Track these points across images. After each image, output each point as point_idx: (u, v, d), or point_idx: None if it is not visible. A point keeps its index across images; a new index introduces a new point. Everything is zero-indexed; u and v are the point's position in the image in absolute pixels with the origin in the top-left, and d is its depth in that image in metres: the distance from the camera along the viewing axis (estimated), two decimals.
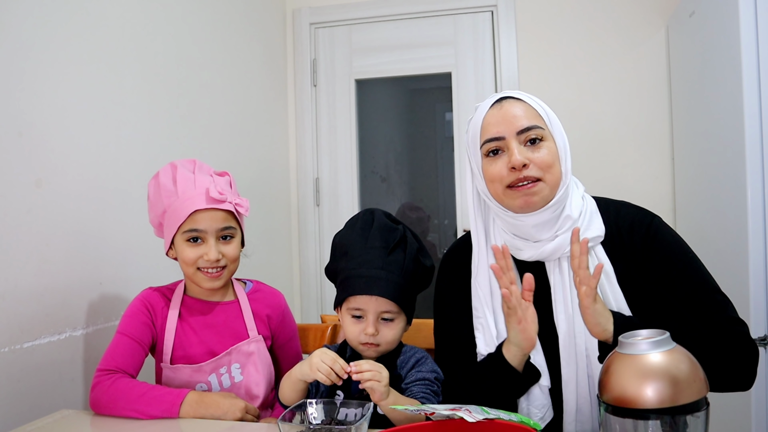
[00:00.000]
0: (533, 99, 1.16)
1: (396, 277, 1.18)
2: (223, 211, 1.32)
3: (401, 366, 1.22)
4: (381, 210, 1.27)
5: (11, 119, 1.37)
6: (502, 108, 1.13)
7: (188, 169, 1.35)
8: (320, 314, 2.86)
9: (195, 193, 1.30)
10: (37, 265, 1.42)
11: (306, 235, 2.99)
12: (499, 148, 1.12)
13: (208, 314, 1.38)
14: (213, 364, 1.34)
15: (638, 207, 1.20)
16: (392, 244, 1.20)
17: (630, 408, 0.75)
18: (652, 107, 2.67)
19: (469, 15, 2.89)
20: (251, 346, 1.37)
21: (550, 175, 1.10)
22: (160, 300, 1.37)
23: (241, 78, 2.50)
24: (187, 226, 1.30)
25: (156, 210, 1.35)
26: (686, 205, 2.49)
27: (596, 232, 1.12)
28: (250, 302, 1.42)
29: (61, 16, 1.52)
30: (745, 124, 1.80)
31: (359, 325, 1.19)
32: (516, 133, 1.10)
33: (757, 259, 1.78)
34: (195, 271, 1.32)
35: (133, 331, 1.32)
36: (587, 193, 1.20)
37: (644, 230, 1.13)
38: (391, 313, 1.18)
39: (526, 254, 1.14)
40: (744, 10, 1.80)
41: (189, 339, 1.35)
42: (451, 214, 2.99)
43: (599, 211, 1.16)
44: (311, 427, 1.00)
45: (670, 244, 1.13)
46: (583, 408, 1.10)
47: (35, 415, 1.29)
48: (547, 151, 1.11)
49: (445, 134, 3.12)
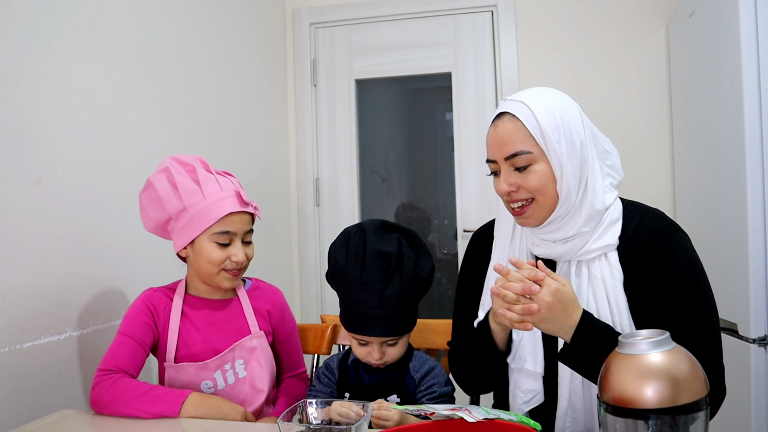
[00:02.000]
0: (532, 113, 1.09)
1: (394, 312, 1.20)
2: (248, 214, 1.36)
3: (414, 370, 1.26)
4: (372, 225, 1.25)
5: (11, 119, 1.37)
6: (496, 128, 1.13)
7: (201, 169, 1.34)
8: (320, 314, 2.86)
9: (224, 195, 1.31)
10: (37, 265, 1.42)
11: (306, 235, 2.99)
12: (495, 170, 1.15)
13: (211, 312, 1.39)
14: (217, 361, 1.35)
15: (666, 218, 1.16)
16: (388, 276, 1.20)
17: (630, 408, 0.75)
18: (652, 107, 2.67)
19: (469, 15, 2.88)
20: (254, 342, 1.39)
21: (542, 197, 1.10)
22: (162, 299, 1.38)
23: (241, 78, 2.50)
24: (219, 228, 1.31)
25: (165, 208, 1.32)
26: (686, 205, 2.49)
27: (608, 241, 1.11)
28: (250, 299, 1.44)
29: (61, 16, 1.52)
30: (745, 124, 1.80)
31: (365, 348, 1.23)
32: (503, 158, 1.11)
33: (757, 259, 1.78)
34: (219, 271, 1.34)
35: (134, 331, 1.32)
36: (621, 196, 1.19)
37: (661, 241, 1.11)
38: (393, 339, 1.22)
39: (540, 251, 1.17)
40: (744, 10, 1.80)
41: (192, 337, 1.36)
42: (451, 214, 2.99)
43: (625, 216, 1.15)
44: (311, 427, 1.00)
45: (681, 261, 1.10)
46: (576, 404, 1.11)
47: (35, 415, 1.29)
48: (534, 176, 1.09)
49: (445, 134, 3.12)
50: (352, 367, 1.29)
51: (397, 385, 1.24)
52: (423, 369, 1.25)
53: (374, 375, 1.26)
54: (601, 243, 1.11)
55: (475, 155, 2.86)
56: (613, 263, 1.11)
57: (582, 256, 1.12)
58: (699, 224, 2.27)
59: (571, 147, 1.09)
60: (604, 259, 1.12)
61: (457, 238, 2.89)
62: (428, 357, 1.29)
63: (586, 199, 1.10)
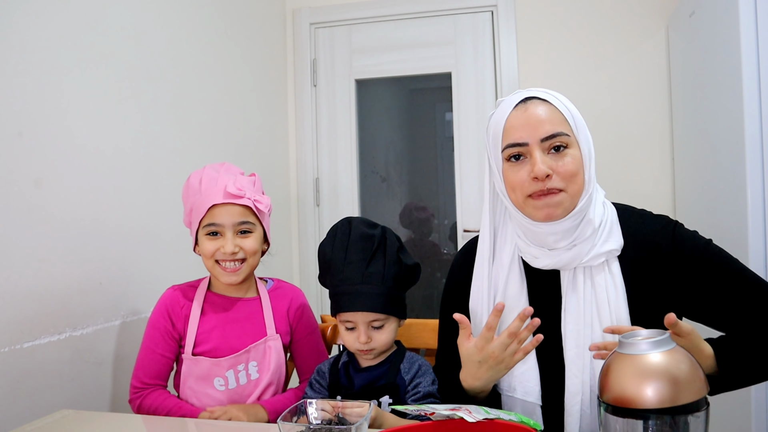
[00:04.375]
0: (560, 100, 1.10)
1: (377, 289, 1.21)
2: (242, 207, 1.38)
3: (405, 371, 1.26)
4: (359, 219, 1.29)
5: (11, 119, 1.37)
6: (526, 110, 1.07)
7: (215, 170, 1.42)
8: (320, 314, 2.86)
9: (215, 190, 1.36)
10: (37, 265, 1.42)
11: (306, 235, 2.99)
12: (521, 153, 1.07)
13: (230, 310, 1.42)
14: (232, 360, 1.37)
15: (657, 216, 1.15)
16: (370, 254, 1.22)
17: (630, 408, 0.75)
18: (652, 107, 2.67)
19: (469, 15, 2.88)
20: (268, 344, 1.41)
21: (573, 185, 1.06)
22: (181, 298, 1.42)
23: (241, 78, 2.49)
24: (207, 221, 1.36)
25: (186, 210, 1.42)
26: (686, 206, 2.49)
27: (614, 245, 1.09)
28: (271, 299, 1.47)
29: (61, 16, 1.52)
30: (745, 124, 1.80)
31: (353, 334, 1.23)
32: (540, 140, 1.05)
33: (757, 259, 1.78)
34: (213, 264, 1.38)
35: (156, 346, 1.39)
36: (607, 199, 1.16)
37: (669, 241, 1.09)
38: (378, 320, 1.22)
39: (543, 263, 1.11)
40: (744, 10, 1.80)
41: (210, 334, 1.39)
42: (451, 214, 2.99)
43: (620, 221, 1.12)
44: (311, 427, 1.00)
45: (697, 246, 1.10)
46: (587, 421, 1.07)
47: (35, 415, 1.29)
48: (571, 159, 1.06)
49: (445, 134, 3.12)
50: (342, 369, 1.29)
51: (388, 386, 1.24)
52: (413, 369, 1.25)
53: (365, 375, 1.26)
54: (608, 246, 1.08)
55: (475, 155, 2.86)
56: (615, 274, 1.08)
57: (589, 262, 1.08)
58: (699, 225, 2.26)
59: (588, 140, 1.10)
60: (606, 269, 1.09)
61: (457, 238, 2.90)
62: (418, 357, 1.28)
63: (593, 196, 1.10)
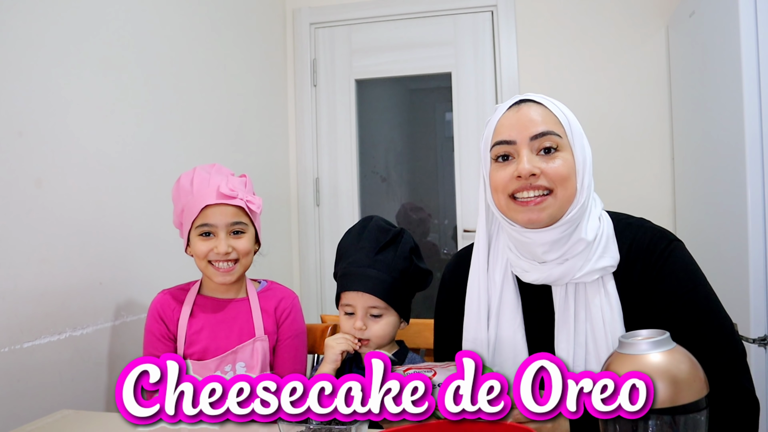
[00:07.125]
0: (556, 104, 1.06)
1: (383, 275, 1.22)
2: (235, 207, 1.38)
3: None
4: (382, 217, 1.32)
5: (11, 119, 1.37)
6: (519, 111, 1.04)
7: (206, 171, 1.42)
8: (320, 314, 2.86)
9: (207, 191, 1.36)
10: (37, 265, 1.42)
11: (306, 235, 2.99)
12: (508, 153, 1.03)
13: (220, 312, 1.42)
14: (218, 361, 1.37)
15: (657, 229, 1.08)
16: (382, 243, 1.25)
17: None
18: (652, 107, 2.67)
19: (469, 15, 2.88)
20: (256, 345, 1.40)
21: (563, 190, 1.00)
22: (171, 301, 1.42)
23: (241, 78, 2.49)
24: (199, 221, 1.36)
25: (176, 211, 1.42)
26: (686, 206, 2.49)
27: (610, 261, 1.03)
28: (260, 300, 1.46)
29: (61, 16, 1.52)
30: (745, 124, 1.80)
31: (351, 321, 1.25)
32: (529, 138, 1.01)
33: (757, 259, 1.78)
34: (206, 264, 1.38)
35: (156, 351, 1.39)
36: (605, 210, 1.10)
37: (656, 255, 1.02)
38: (378, 308, 1.23)
39: (532, 277, 1.06)
40: (744, 10, 1.80)
41: (200, 335, 1.39)
42: (451, 214, 2.99)
43: (616, 234, 1.06)
44: (311, 427, 1.00)
45: (684, 285, 1.01)
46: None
47: (35, 415, 1.29)
48: (562, 162, 1.01)
49: (445, 134, 3.12)
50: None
51: None
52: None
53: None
54: (603, 263, 1.02)
55: (475, 155, 2.85)
56: (611, 292, 1.02)
57: (582, 278, 1.02)
58: (699, 225, 2.27)
59: (584, 149, 1.06)
60: (601, 287, 1.03)
61: (457, 238, 2.89)
62: (420, 358, 1.30)
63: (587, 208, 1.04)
